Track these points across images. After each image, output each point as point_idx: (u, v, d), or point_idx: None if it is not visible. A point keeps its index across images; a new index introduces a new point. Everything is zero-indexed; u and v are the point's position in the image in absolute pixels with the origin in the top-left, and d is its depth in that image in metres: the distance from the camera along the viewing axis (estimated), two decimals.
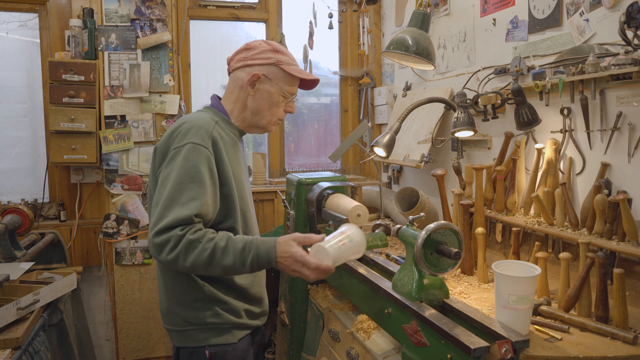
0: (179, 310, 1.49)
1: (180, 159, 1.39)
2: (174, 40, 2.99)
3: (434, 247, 1.42)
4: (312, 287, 2.26)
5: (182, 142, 1.41)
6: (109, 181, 2.94)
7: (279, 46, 1.59)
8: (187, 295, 1.48)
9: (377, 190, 2.89)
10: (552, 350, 1.28)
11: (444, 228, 1.41)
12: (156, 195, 1.40)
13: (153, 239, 1.32)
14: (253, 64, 1.54)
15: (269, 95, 1.55)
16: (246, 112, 1.58)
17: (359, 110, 3.66)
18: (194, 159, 1.38)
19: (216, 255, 1.33)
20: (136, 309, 3.00)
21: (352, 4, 3.47)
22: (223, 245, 1.34)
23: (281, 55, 1.56)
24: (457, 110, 2.16)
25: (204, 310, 1.48)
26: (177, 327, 1.50)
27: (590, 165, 1.78)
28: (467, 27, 2.49)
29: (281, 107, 1.59)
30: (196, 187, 1.36)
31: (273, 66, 1.54)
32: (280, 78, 1.55)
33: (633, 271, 1.53)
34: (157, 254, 1.33)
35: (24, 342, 1.84)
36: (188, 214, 1.32)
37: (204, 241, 1.33)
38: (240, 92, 1.56)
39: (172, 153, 1.41)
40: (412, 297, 1.43)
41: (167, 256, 1.31)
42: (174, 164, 1.39)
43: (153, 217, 1.37)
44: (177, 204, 1.33)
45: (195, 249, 1.32)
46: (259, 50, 1.55)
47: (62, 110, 2.79)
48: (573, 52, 1.80)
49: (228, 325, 1.50)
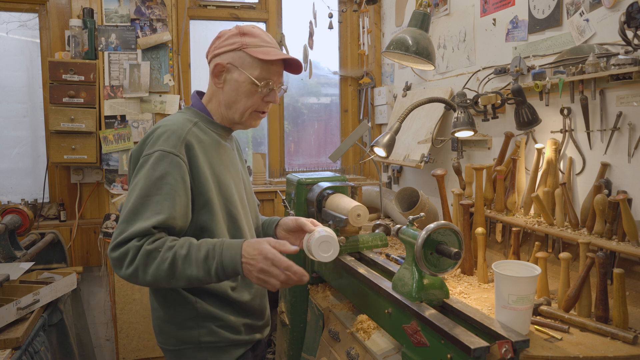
0: (171, 329, 1.40)
1: (147, 168, 1.28)
2: (174, 40, 3.00)
3: (434, 247, 1.42)
4: (312, 287, 2.26)
5: (152, 150, 1.30)
6: (109, 181, 2.94)
7: (249, 28, 1.42)
8: (179, 313, 1.38)
9: (377, 190, 2.89)
10: (552, 350, 1.28)
11: (444, 228, 1.41)
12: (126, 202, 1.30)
13: (110, 253, 1.23)
14: (219, 52, 1.40)
15: (237, 85, 1.39)
16: (221, 108, 1.45)
17: (359, 110, 3.67)
18: (162, 168, 1.28)
19: (177, 266, 1.21)
20: (136, 309, 3.00)
21: (352, 4, 3.47)
22: (184, 253, 1.22)
23: (248, 38, 1.39)
24: (457, 110, 2.16)
25: (197, 329, 1.38)
26: (171, 346, 1.41)
27: (590, 165, 1.78)
28: (467, 27, 2.49)
29: (256, 97, 1.41)
30: (162, 199, 1.25)
31: (238, 51, 1.38)
32: (247, 64, 1.38)
33: (633, 271, 1.53)
34: (117, 269, 1.23)
35: (24, 342, 1.84)
36: (147, 226, 1.22)
37: (163, 250, 1.21)
38: (212, 86, 1.44)
39: (141, 161, 1.31)
40: (412, 297, 1.43)
41: (126, 270, 1.21)
42: (140, 174, 1.29)
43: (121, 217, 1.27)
44: (140, 218, 1.23)
45: (154, 259, 1.20)
46: (226, 37, 1.41)
47: (62, 110, 2.79)
48: (573, 52, 1.80)
49: (224, 344, 1.40)
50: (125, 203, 1.29)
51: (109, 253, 1.24)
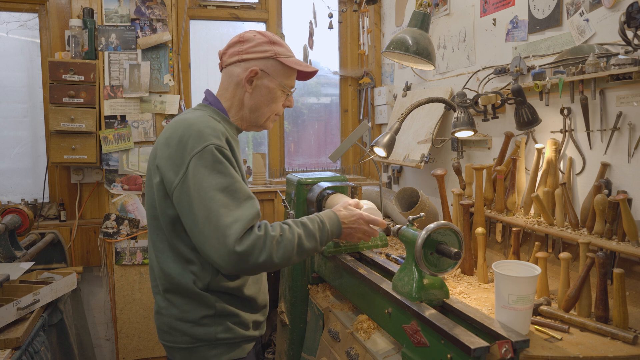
0: (185, 327, 1.38)
1: (209, 163, 1.26)
2: (174, 40, 3.00)
3: (434, 247, 1.42)
4: (312, 287, 2.26)
5: (201, 145, 1.27)
6: (109, 181, 2.94)
7: (275, 37, 1.48)
8: (195, 312, 1.38)
9: (377, 190, 2.89)
10: (552, 350, 1.28)
11: (444, 228, 1.41)
12: (199, 206, 1.24)
13: (236, 247, 1.20)
14: (249, 58, 1.43)
15: (268, 91, 1.45)
16: (244, 111, 1.48)
17: (359, 110, 3.66)
18: (222, 160, 1.28)
19: (302, 243, 1.32)
20: (136, 309, 3.00)
21: (352, 4, 3.47)
22: (300, 232, 1.33)
23: (278, 47, 1.45)
24: (457, 110, 2.16)
25: (214, 326, 1.39)
26: (184, 344, 1.39)
27: (590, 165, 1.78)
28: (467, 27, 2.49)
29: (280, 102, 1.50)
30: (240, 185, 1.29)
31: (271, 59, 1.44)
32: (279, 72, 1.45)
33: (633, 271, 1.53)
34: (245, 262, 1.22)
35: (24, 342, 1.84)
36: (254, 212, 1.26)
37: (284, 234, 1.29)
38: (237, 89, 1.46)
39: (193, 160, 1.26)
40: (412, 297, 1.43)
41: (258, 260, 1.23)
42: (203, 171, 1.25)
43: (209, 230, 1.21)
44: (235, 207, 1.24)
45: (280, 243, 1.27)
46: (255, 43, 1.44)
47: (62, 110, 2.79)
48: (573, 52, 1.80)
49: (238, 340, 1.43)
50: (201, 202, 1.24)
51: (232, 249, 1.20)
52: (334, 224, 1.42)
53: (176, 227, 1.36)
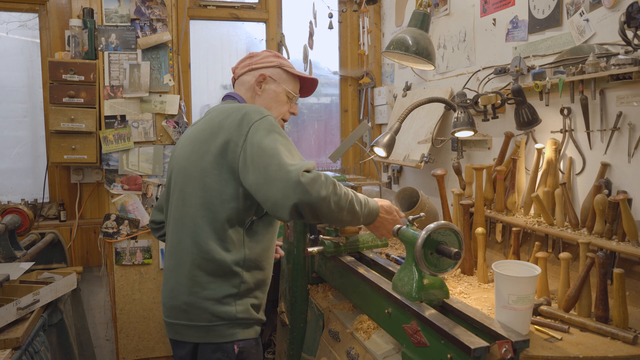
0: (207, 304, 1.46)
1: (268, 127, 1.40)
2: (174, 40, 3.00)
3: (434, 247, 1.42)
4: (312, 287, 2.26)
5: (262, 115, 1.43)
6: (109, 181, 2.94)
7: (279, 54, 1.75)
8: (220, 290, 1.46)
9: (377, 190, 2.89)
10: (552, 350, 1.28)
11: (444, 228, 1.41)
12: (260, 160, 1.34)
13: (300, 178, 1.27)
14: (258, 67, 1.66)
15: (275, 94, 1.66)
16: None
17: (359, 110, 3.66)
18: (280, 129, 1.43)
19: (354, 200, 1.42)
20: (136, 309, 3.00)
21: (352, 4, 3.47)
22: (352, 195, 1.42)
23: (282, 60, 1.70)
24: (457, 110, 2.16)
25: (235, 305, 1.47)
26: (202, 322, 1.46)
27: (590, 165, 1.78)
28: (467, 27, 2.49)
29: (286, 106, 1.69)
30: (295, 149, 1.42)
31: (277, 68, 1.67)
32: (284, 79, 1.68)
33: (633, 271, 1.53)
34: (307, 194, 1.27)
35: (24, 342, 1.84)
36: (313, 164, 1.36)
37: (342, 187, 1.39)
38: (248, 93, 1.66)
39: (253, 126, 1.40)
40: (412, 297, 1.43)
41: (321, 192, 1.29)
42: (263, 133, 1.38)
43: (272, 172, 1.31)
44: (296, 157, 1.36)
45: (339, 189, 1.36)
46: (262, 56, 1.69)
47: (62, 110, 2.79)
48: (573, 52, 1.80)
49: (253, 321, 1.52)
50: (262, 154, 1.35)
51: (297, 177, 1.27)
52: (373, 207, 1.53)
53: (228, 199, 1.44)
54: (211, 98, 3.45)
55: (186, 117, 3.06)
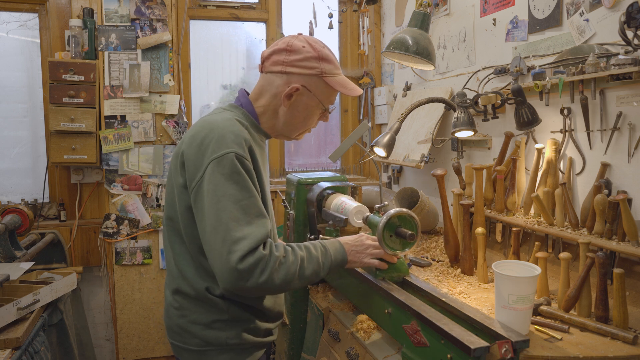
0: (195, 329, 1.36)
1: (227, 172, 1.22)
2: (174, 40, 3.00)
3: (393, 230, 1.59)
4: (312, 287, 2.26)
5: (222, 151, 1.23)
6: (109, 181, 2.94)
7: (325, 51, 1.39)
8: (207, 316, 1.36)
9: (377, 190, 2.89)
10: (552, 350, 1.28)
11: (402, 214, 1.60)
12: (210, 214, 1.21)
13: (237, 265, 1.17)
14: (293, 72, 1.36)
15: (305, 108, 1.40)
16: (276, 120, 1.43)
17: (359, 110, 3.67)
18: (241, 171, 1.23)
19: (303, 267, 1.29)
20: (136, 309, 3.00)
21: (352, 4, 3.47)
22: (303, 255, 1.31)
23: (326, 65, 1.37)
24: (457, 110, 2.16)
25: (225, 331, 1.36)
26: (193, 346, 1.37)
27: (590, 165, 1.78)
28: (467, 27, 2.49)
29: (315, 118, 1.46)
30: (255, 201, 1.24)
31: (316, 77, 1.37)
32: (321, 91, 1.39)
33: (633, 271, 1.53)
34: (244, 281, 1.18)
35: (24, 342, 1.84)
36: (264, 232, 1.22)
37: (287, 256, 1.26)
38: (273, 99, 1.40)
39: (211, 165, 1.23)
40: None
41: (259, 279, 1.19)
42: (220, 178, 1.21)
43: (215, 242, 1.19)
44: (246, 224, 1.20)
45: (282, 264, 1.24)
46: (302, 57, 1.36)
47: (62, 110, 2.79)
48: (573, 52, 1.80)
49: (249, 346, 1.40)
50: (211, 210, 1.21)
51: (235, 265, 1.17)
52: (336, 254, 1.41)
53: (195, 232, 1.31)
54: (211, 98, 3.45)
55: (186, 117, 3.06)
